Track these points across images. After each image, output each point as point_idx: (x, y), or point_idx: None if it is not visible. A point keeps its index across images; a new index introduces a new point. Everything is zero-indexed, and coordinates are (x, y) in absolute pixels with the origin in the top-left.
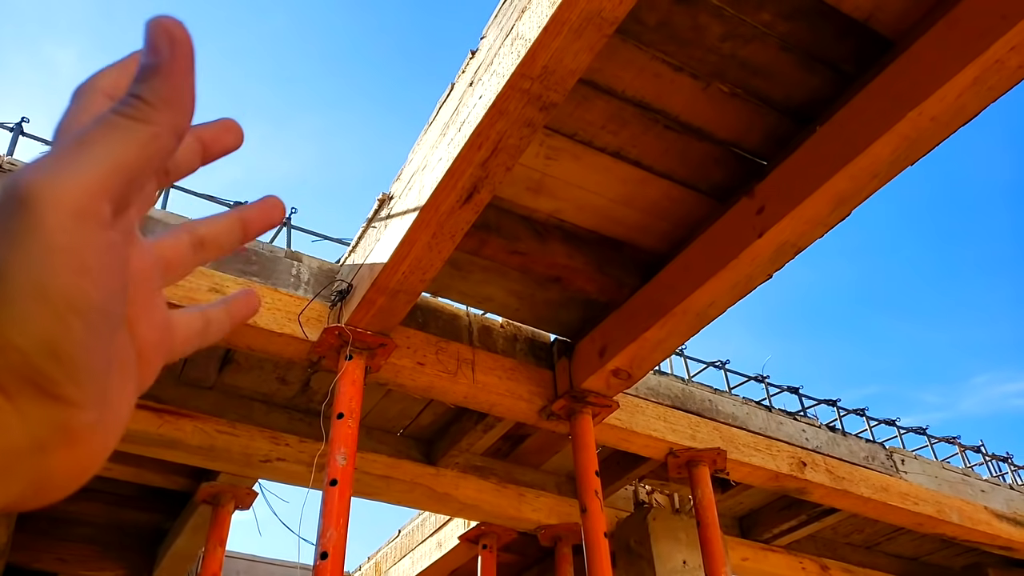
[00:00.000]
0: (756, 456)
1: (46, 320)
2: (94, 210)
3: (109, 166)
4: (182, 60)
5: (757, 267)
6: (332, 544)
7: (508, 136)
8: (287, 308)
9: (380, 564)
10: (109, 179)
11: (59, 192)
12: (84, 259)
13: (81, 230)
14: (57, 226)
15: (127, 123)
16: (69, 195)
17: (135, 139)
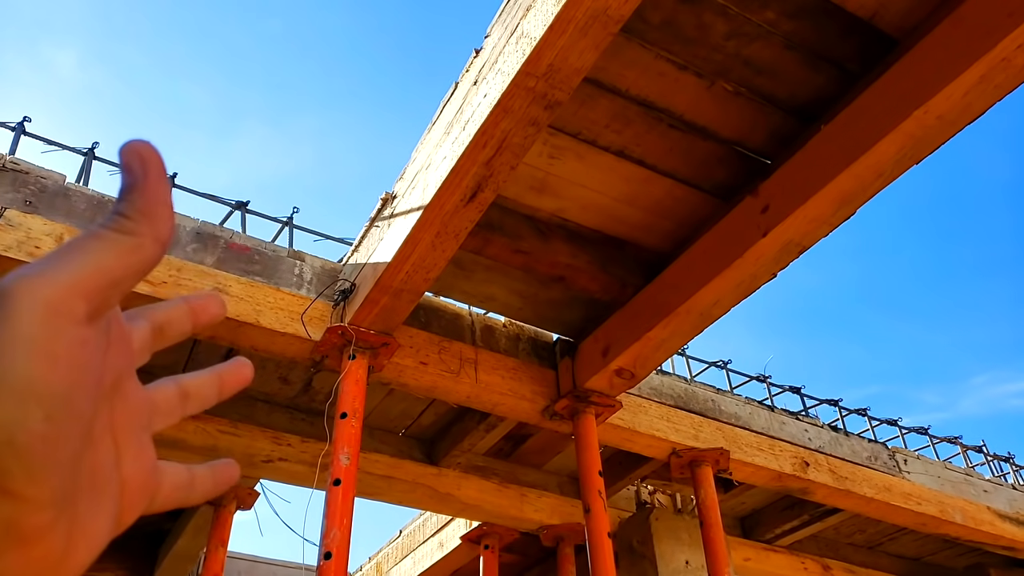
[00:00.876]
0: (759, 456)
1: (5, 406)
2: (68, 307)
3: (90, 270)
4: (154, 176)
5: (761, 266)
6: (336, 544)
7: (513, 135)
8: (290, 308)
9: (381, 564)
10: (87, 280)
11: (36, 287)
12: (51, 349)
13: (53, 323)
14: (29, 317)
15: (111, 235)
16: (45, 290)
17: (117, 248)
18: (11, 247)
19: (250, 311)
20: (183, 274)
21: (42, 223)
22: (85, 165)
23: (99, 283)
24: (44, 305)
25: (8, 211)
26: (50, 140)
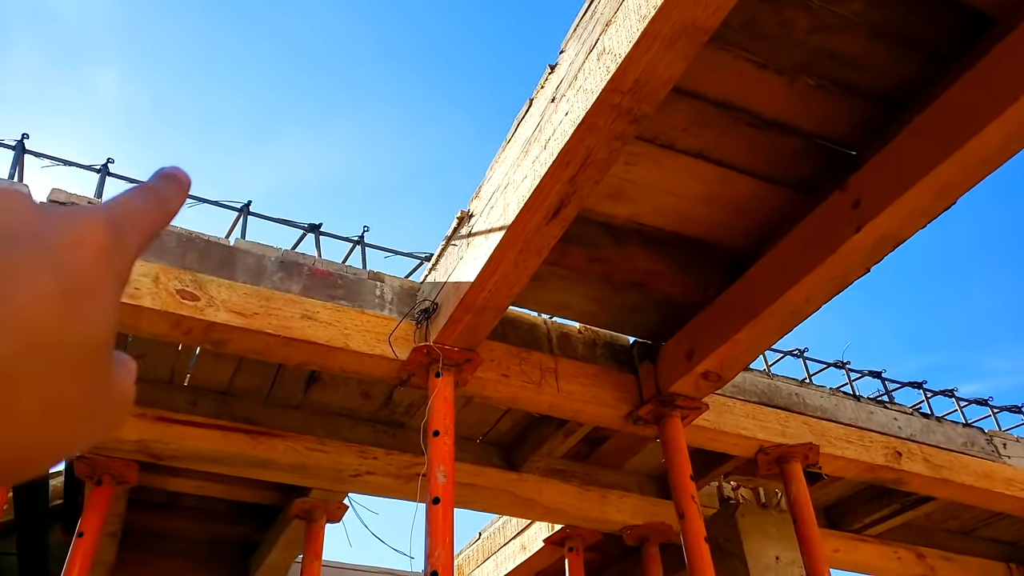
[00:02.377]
0: (849, 448)
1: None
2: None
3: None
4: (180, 177)
5: (855, 262)
6: (441, 563)
7: (597, 151)
8: (375, 329)
9: (463, 567)
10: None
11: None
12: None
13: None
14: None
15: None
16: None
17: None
18: None
19: (339, 335)
20: (272, 304)
21: (139, 264)
22: None
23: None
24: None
25: None
26: (132, 179)
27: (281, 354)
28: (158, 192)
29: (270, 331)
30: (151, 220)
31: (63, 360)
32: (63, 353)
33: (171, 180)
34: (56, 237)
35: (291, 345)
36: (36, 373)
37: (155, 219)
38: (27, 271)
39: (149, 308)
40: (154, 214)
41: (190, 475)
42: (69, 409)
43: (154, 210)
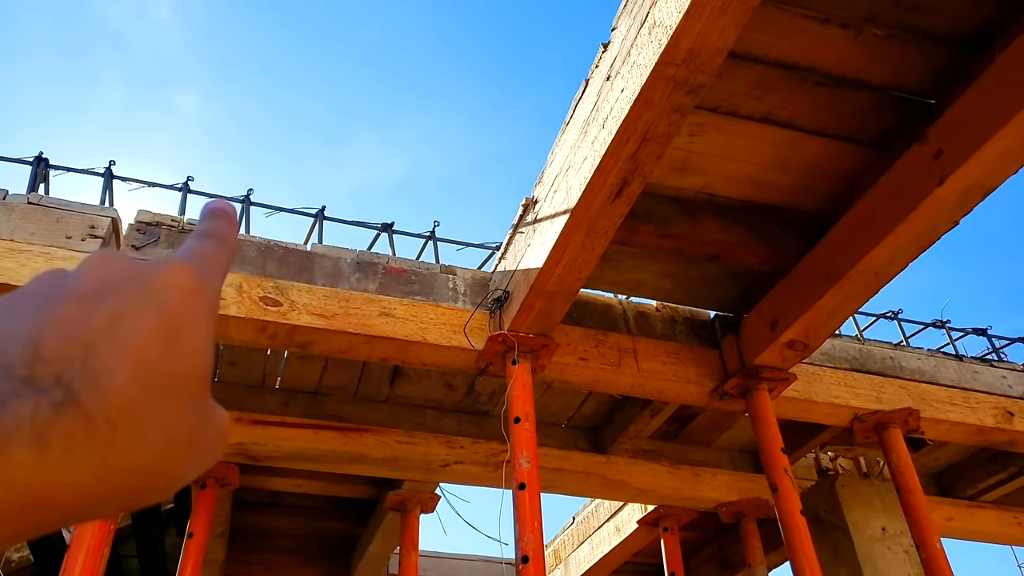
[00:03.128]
0: (953, 411)
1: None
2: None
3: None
4: (228, 213)
5: (941, 215)
6: (531, 548)
7: (656, 125)
8: (451, 322)
9: (559, 551)
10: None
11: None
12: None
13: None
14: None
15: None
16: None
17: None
18: None
19: (416, 330)
20: (351, 304)
21: None
22: (243, 212)
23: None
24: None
25: None
26: (212, 194)
27: (363, 352)
28: (215, 232)
29: (351, 330)
30: (220, 258)
31: (173, 392)
32: (172, 385)
33: (219, 217)
34: (153, 282)
35: (371, 342)
36: (152, 404)
37: (223, 256)
38: (134, 314)
39: (235, 316)
40: (220, 252)
41: (288, 474)
42: (182, 437)
43: (219, 248)
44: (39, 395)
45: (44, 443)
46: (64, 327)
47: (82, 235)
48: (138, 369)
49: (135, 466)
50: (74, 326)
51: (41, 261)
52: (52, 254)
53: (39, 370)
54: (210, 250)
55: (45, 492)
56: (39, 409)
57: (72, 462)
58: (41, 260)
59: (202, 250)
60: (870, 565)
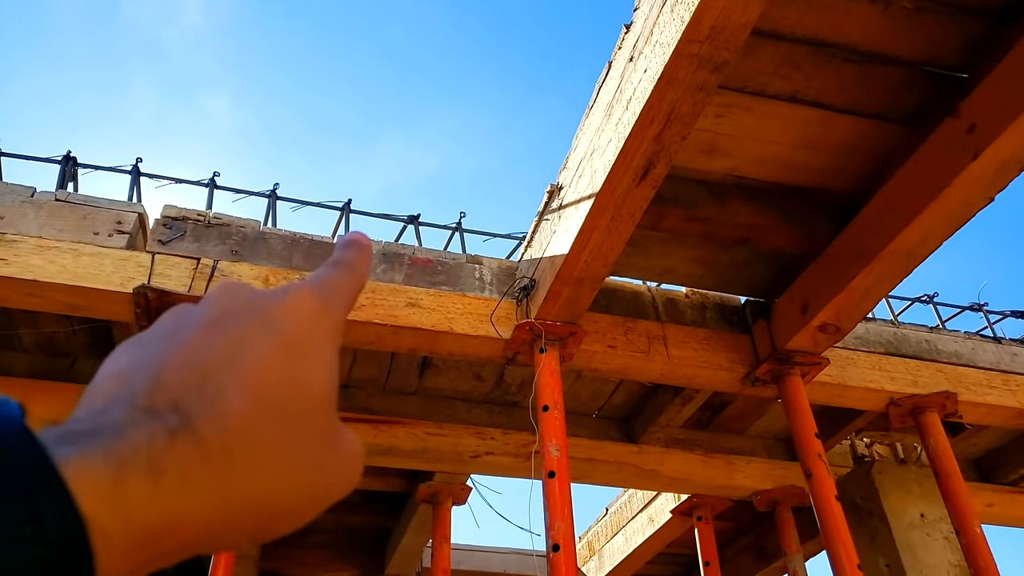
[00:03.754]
0: (992, 394)
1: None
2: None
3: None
4: (363, 244)
5: (975, 191)
6: (562, 536)
7: (680, 105)
8: (477, 311)
9: (592, 543)
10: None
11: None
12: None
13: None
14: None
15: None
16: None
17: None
18: None
19: (443, 320)
20: (378, 295)
21: (249, 268)
22: (270, 206)
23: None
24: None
25: (220, 263)
26: (237, 189)
27: (390, 342)
28: (346, 261)
29: (378, 321)
30: (348, 285)
31: (294, 416)
32: (293, 410)
33: (353, 248)
34: (274, 309)
35: (399, 333)
36: (271, 429)
37: (350, 284)
38: (254, 340)
39: None
40: (350, 280)
41: None
42: (306, 462)
43: (348, 276)
44: (155, 422)
45: (159, 470)
46: (185, 356)
47: (109, 231)
48: (256, 394)
49: (255, 492)
50: (195, 354)
51: (69, 257)
52: (80, 250)
53: (158, 398)
54: (337, 277)
55: (163, 521)
56: (154, 436)
57: (188, 490)
58: (69, 256)
59: (329, 277)
60: (909, 552)
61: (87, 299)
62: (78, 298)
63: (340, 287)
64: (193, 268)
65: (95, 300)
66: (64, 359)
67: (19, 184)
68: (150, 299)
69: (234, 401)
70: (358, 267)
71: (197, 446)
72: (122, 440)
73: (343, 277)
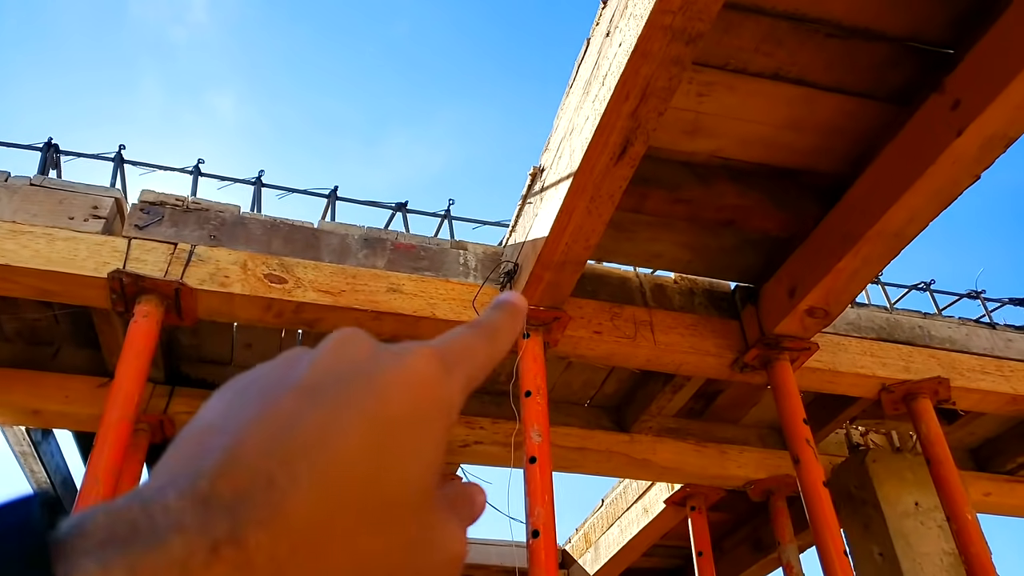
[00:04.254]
0: (985, 380)
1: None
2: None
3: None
4: (520, 308)
5: (961, 169)
6: (541, 522)
7: (656, 79)
8: (461, 297)
9: (589, 535)
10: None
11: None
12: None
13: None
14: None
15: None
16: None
17: (482, 332)
18: (205, 280)
19: (425, 306)
20: (359, 280)
21: (227, 253)
22: (255, 193)
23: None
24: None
25: (198, 248)
26: (222, 176)
27: (372, 328)
28: (491, 325)
29: (358, 306)
30: (481, 353)
31: (377, 514)
32: (376, 509)
33: (503, 309)
34: (382, 376)
35: (380, 319)
36: (342, 536)
37: (486, 351)
38: (348, 419)
39: (240, 294)
40: (484, 346)
41: None
42: (380, 568)
43: (485, 343)
44: (202, 527)
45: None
46: (268, 430)
47: (85, 216)
48: (333, 490)
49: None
50: (278, 430)
51: (43, 242)
52: (54, 235)
53: (221, 486)
54: (470, 341)
55: None
56: (193, 552)
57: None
58: (43, 241)
59: (460, 340)
60: (902, 540)
61: (61, 284)
62: (52, 283)
63: (470, 354)
64: (170, 253)
65: (69, 285)
66: (47, 348)
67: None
68: (125, 284)
69: (301, 501)
70: (502, 334)
71: (238, 569)
72: (155, 551)
73: (478, 343)
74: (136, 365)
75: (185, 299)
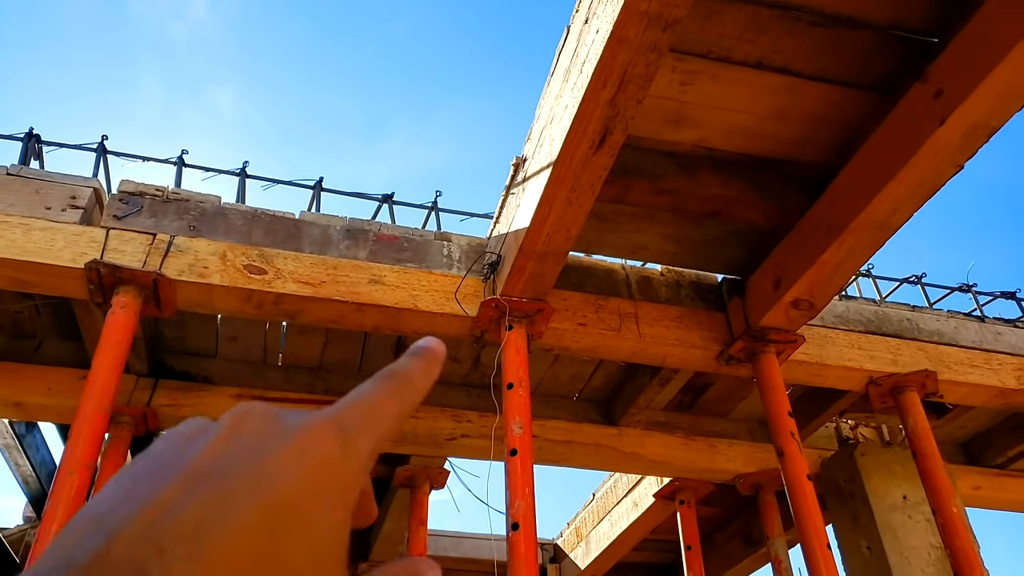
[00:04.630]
0: (973, 373)
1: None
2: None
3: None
4: (436, 355)
5: (943, 158)
6: (521, 515)
7: (633, 66)
8: (444, 288)
9: (580, 529)
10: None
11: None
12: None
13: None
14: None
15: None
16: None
17: (390, 385)
18: (184, 271)
19: (407, 297)
20: (339, 271)
21: (206, 244)
22: (240, 185)
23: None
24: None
25: (177, 238)
26: (206, 167)
27: (354, 320)
28: (404, 375)
29: (338, 298)
30: (389, 411)
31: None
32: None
33: (419, 355)
34: (273, 458)
35: (361, 310)
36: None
37: (395, 408)
38: (234, 505)
39: (219, 285)
40: (392, 404)
41: None
42: None
43: (393, 399)
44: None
45: None
46: (148, 516)
47: (62, 205)
48: (216, 574)
49: None
50: (158, 517)
51: (19, 232)
52: (30, 225)
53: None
54: (377, 400)
55: None
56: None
57: None
58: (19, 231)
59: (366, 401)
60: (890, 534)
61: (38, 275)
62: (28, 274)
63: (375, 415)
64: (148, 243)
65: (46, 276)
66: (30, 340)
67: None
68: (103, 275)
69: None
70: (415, 384)
71: None
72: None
73: (385, 400)
74: (113, 356)
75: (164, 290)
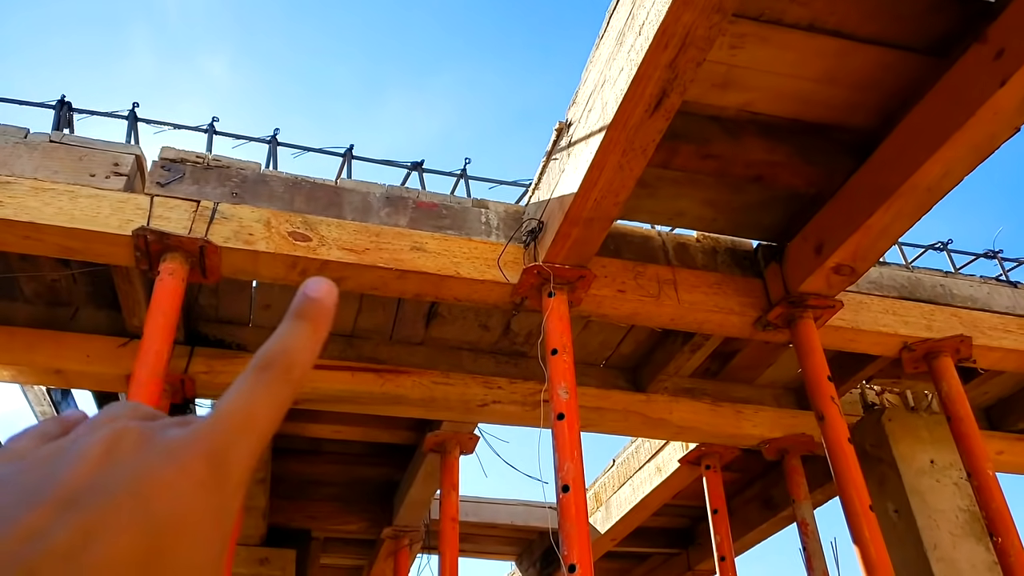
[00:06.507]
0: (1007, 338)
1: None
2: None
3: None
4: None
5: (1001, 121)
6: (571, 477)
7: (696, 27)
8: (484, 256)
9: (600, 494)
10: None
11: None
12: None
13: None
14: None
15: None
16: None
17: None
18: (229, 238)
19: (449, 264)
20: (382, 238)
21: (250, 211)
22: (271, 151)
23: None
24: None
25: (221, 205)
26: (237, 135)
27: (396, 287)
28: (282, 364)
29: (382, 265)
30: (266, 412)
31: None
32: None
33: (302, 324)
34: (148, 480)
35: (404, 278)
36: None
37: (273, 405)
38: (112, 530)
39: (265, 252)
40: (271, 400)
41: (327, 419)
42: None
43: (271, 395)
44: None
45: None
46: (19, 538)
47: (106, 172)
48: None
49: None
50: (32, 541)
51: (66, 199)
52: (76, 192)
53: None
54: (252, 404)
55: None
56: None
57: None
58: (66, 198)
59: (239, 409)
60: (918, 497)
61: (85, 242)
62: (76, 241)
63: (251, 420)
64: (193, 210)
65: (93, 243)
66: (66, 308)
67: (11, 125)
68: (150, 241)
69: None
70: (294, 370)
71: None
72: None
73: (263, 397)
74: (163, 323)
75: (210, 257)
